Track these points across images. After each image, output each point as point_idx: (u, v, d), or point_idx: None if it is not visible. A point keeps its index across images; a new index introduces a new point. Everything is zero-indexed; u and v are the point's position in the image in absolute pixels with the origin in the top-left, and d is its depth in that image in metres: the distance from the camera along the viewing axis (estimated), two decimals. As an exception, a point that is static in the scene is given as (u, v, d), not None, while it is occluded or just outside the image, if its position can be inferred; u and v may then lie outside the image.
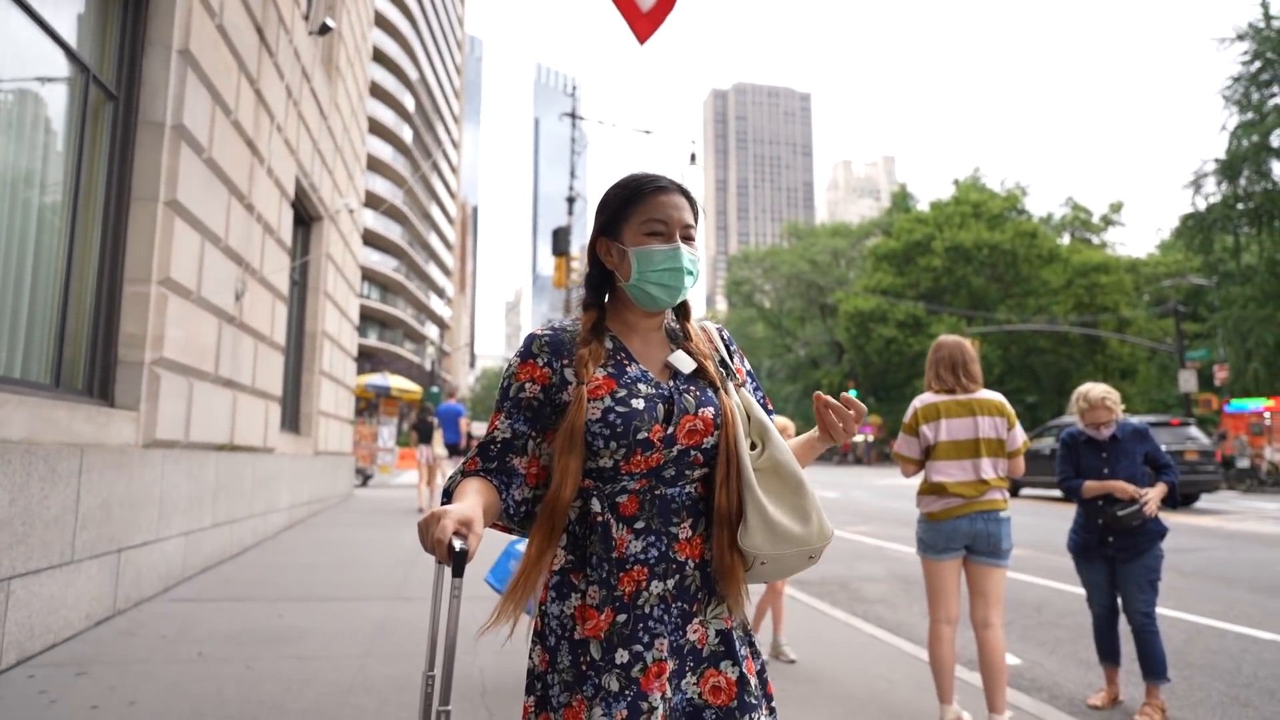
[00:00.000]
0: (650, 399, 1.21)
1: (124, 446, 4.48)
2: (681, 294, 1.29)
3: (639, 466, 1.20)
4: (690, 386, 1.26)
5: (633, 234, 1.28)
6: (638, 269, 1.26)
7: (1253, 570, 7.23)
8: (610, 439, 1.18)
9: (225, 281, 6.09)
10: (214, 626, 4.11)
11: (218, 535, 6.02)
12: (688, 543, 1.22)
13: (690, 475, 1.24)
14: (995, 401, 3.01)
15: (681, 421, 1.21)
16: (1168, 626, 5.01)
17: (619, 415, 1.18)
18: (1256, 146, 25.88)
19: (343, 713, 2.90)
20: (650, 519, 1.20)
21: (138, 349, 4.75)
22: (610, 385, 1.21)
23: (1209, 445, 14.81)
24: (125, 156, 4.82)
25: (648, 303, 1.28)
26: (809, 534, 1.20)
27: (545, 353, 1.26)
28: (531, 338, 1.29)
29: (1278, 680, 3.86)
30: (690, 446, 1.21)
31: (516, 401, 1.24)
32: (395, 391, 17.00)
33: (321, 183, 9.56)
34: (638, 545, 1.19)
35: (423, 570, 6.04)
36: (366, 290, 51.53)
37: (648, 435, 1.18)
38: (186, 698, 3.01)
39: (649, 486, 1.21)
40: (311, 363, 9.81)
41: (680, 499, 1.22)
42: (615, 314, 1.34)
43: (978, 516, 2.91)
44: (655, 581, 1.18)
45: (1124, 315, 40.28)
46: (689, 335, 1.34)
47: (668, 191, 1.29)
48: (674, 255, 1.26)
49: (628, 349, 1.29)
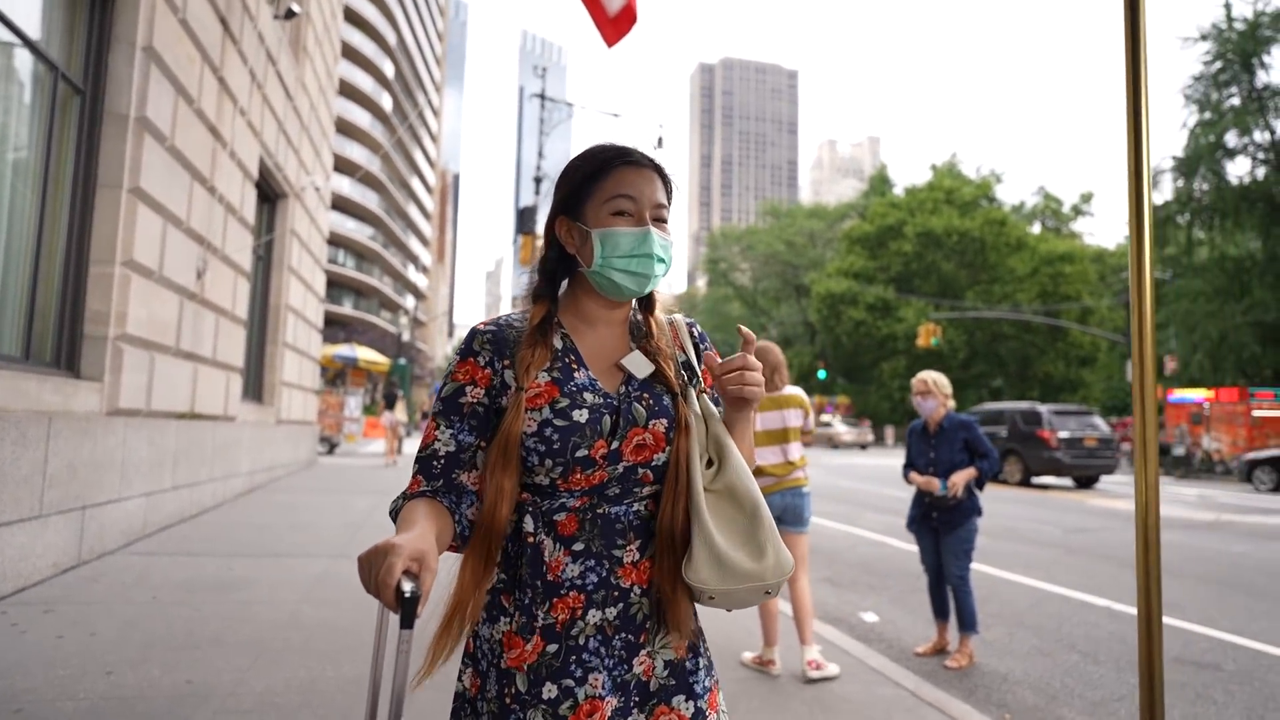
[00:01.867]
0: (595, 410, 1.08)
1: (89, 414, 4.93)
2: (651, 283, 1.15)
3: (579, 484, 1.08)
4: (644, 393, 1.13)
5: (597, 213, 1.13)
6: (601, 253, 1.11)
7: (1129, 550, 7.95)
8: (545, 455, 1.05)
9: (187, 260, 6.50)
10: (168, 576, 4.61)
11: (177, 497, 6.50)
12: (634, 567, 1.09)
13: (639, 493, 1.11)
14: (797, 396, 3.63)
15: (629, 435, 1.08)
16: (1024, 593, 5.68)
17: (556, 430, 1.06)
18: (1212, 145, 26.67)
19: (273, 644, 3.43)
20: (591, 540, 1.08)
21: (102, 325, 5.19)
22: (552, 393, 1.08)
23: (1107, 433, 15.95)
24: (91, 147, 5.22)
25: (612, 292, 1.14)
26: (762, 569, 1.06)
27: (487, 350, 1.13)
28: (473, 333, 1.15)
29: (1086, 638, 4.51)
30: (638, 463, 1.09)
31: (458, 407, 1.11)
32: (363, 363, 17.40)
33: (286, 161, 9.90)
34: (575, 569, 1.06)
35: (371, 531, 6.58)
36: (341, 258, 51.40)
37: (588, 452, 1.06)
38: (140, 631, 3.52)
39: (590, 505, 1.08)
40: (275, 335, 10.21)
41: (626, 519, 1.10)
42: (572, 304, 1.19)
43: (786, 492, 3.51)
44: (593, 610, 1.06)
45: (1087, 304, 41.38)
46: (651, 332, 1.20)
47: (639, 166, 1.15)
48: (644, 239, 1.12)
49: (578, 350, 1.15)
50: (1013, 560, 6.98)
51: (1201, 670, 3.97)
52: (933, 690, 3.33)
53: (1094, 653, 4.23)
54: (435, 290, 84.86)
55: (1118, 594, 5.69)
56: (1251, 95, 26.56)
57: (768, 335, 58.06)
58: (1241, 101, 26.75)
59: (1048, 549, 7.76)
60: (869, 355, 44.95)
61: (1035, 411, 16.27)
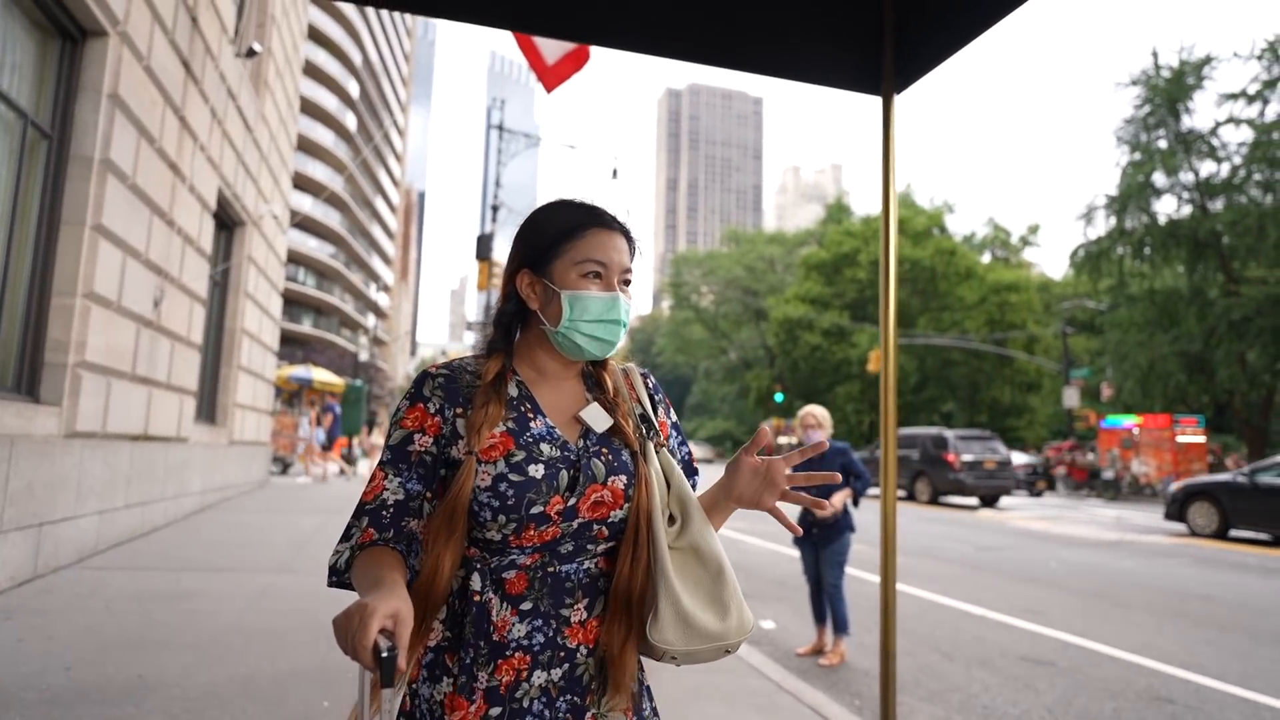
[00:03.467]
0: (552, 465, 1.06)
1: (47, 437, 5.29)
2: (612, 348, 1.14)
3: (531, 541, 1.05)
4: (603, 448, 1.11)
5: (566, 274, 1.12)
6: (569, 315, 1.10)
7: (1029, 566, 8.63)
8: (499, 511, 1.03)
9: (145, 290, 6.88)
10: (121, 588, 4.98)
11: (129, 515, 6.82)
12: (581, 626, 1.07)
13: (592, 550, 1.09)
14: None
15: (587, 492, 1.06)
16: (913, 603, 6.27)
17: (511, 485, 1.03)
18: (1141, 185, 28.25)
19: (216, 646, 3.85)
20: (539, 599, 1.05)
21: (62, 353, 5.56)
22: (508, 445, 1.06)
23: (1005, 456, 17.39)
24: (57, 187, 5.61)
25: (573, 353, 1.13)
26: (725, 629, 1.06)
27: (438, 397, 1.10)
28: (423, 377, 1.13)
29: (949, 641, 5.10)
30: (594, 519, 1.07)
31: (406, 455, 1.08)
32: (318, 384, 17.64)
33: (245, 191, 10.28)
34: (522, 629, 1.04)
35: (316, 549, 6.96)
36: (302, 276, 51.17)
37: (543, 509, 1.04)
38: (94, 635, 3.92)
39: (541, 562, 1.06)
40: (230, 358, 10.52)
41: (576, 577, 1.08)
42: (526, 354, 1.17)
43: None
44: (538, 671, 1.04)
45: (1033, 333, 43.00)
46: (605, 385, 1.19)
47: (610, 229, 1.14)
48: (613, 305, 1.12)
49: (535, 399, 1.13)
50: (916, 575, 7.59)
51: (1037, 665, 4.57)
52: (795, 682, 3.87)
53: (952, 653, 4.81)
54: (398, 309, 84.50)
55: (999, 604, 6.32)
56: (1177, 138, 28.20)
57: (727, 359, 59.08)
58: (1168, 144, 28.39)
59: (952, 565, 8.41)
60: (825, 379, 46.05)
61: (942, 437, 17.59)
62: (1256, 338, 24.89)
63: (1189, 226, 27.37)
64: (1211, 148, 27.74)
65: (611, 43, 2.29)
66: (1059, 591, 7.00)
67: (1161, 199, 28.66)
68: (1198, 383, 27.71)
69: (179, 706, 3.06)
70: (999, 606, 6.23)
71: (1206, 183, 27.80)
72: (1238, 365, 25.99)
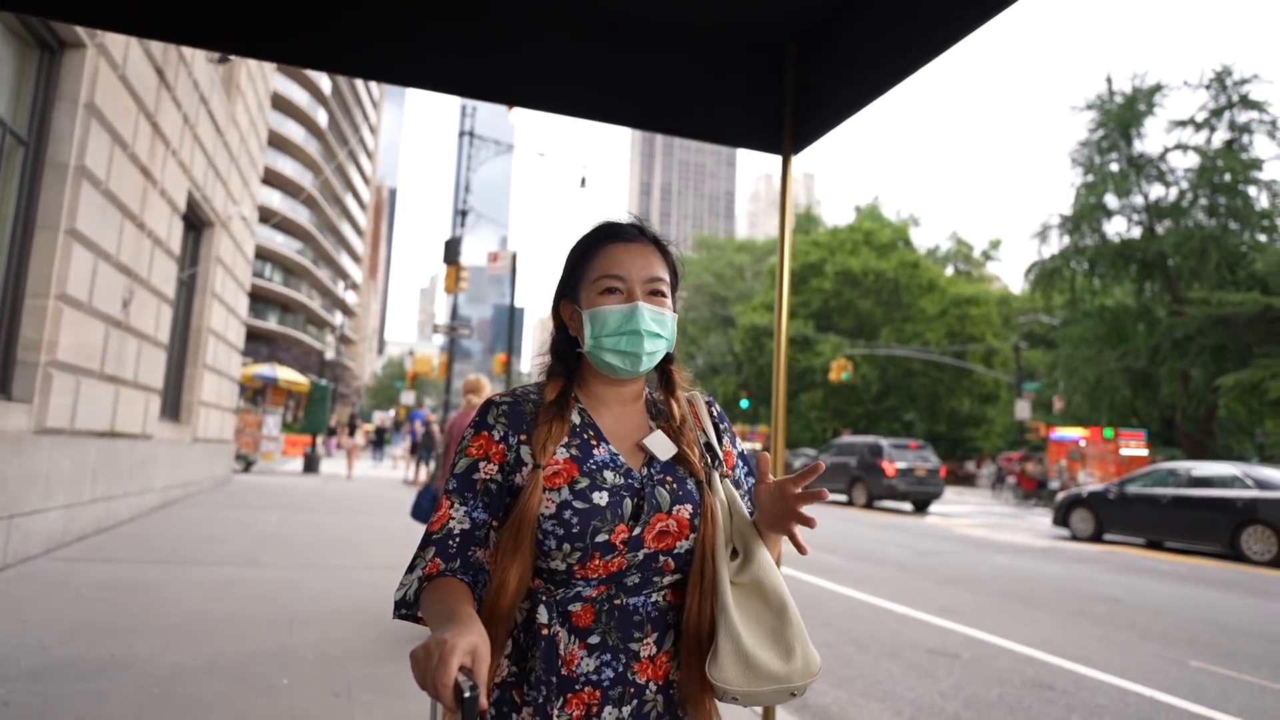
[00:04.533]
0: (616, 492, 1.05)
1: (19, 433, 5.52)
2: (644, 362, 1.11)
3: (596, 572, 1.04)
4: (667, 476, 1.10)
5: (587, 293, 1.13)
6: (591, 333, 1.11)
7: (959, 569, 9.16)
8: (564, 540, 1.02)
9: (115, 291, 7.10)
10: (89, 577, 5.22)
11: (95, 509, 7.02)
12: (650, 661, 1.06)
13: (659, 583, 1.08)
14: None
15: (652, 521, 1.05)
16: (843, 602, 6.72)
17: (576, 513, 1.02)
18: (1093, 206, 29.34)
19: (181, 631, 4.15)
20: (608, 633, 1.04)
21: (34, 352, 5.78)
22: (571, 472, 1.06)
23: (936, 465, 18.45)
24: (33, 193, 5.84)
25: (608, 371, 1.13)
26: (790, 671, 1.02)
27: (502, 425, 1.11)
28: (488, 405, 1.13)
29: (868, 635, 5.55)
30: (660, 551, 1.05)
31: (471, 484, 1.08)
32: (283, 382, 17.69)
33: (214, 194, 10.47)
34: (591, 663, 1.03)
35: (278, 545, 7.22)
36: (269, 273, 50.69)
37: (608, 538, 1.03)
38: (66, 619, 4.19)
39: (608, 594, 1.05)
40: (195, 357, 10.69)
41: (645, 610, 1.06)
42: (585, 385, 1.17)
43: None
44: (609, 708, 1.03)
45: (991, 345, 44.19)
46: (671, 412, 1.17)
47: (626, 240, 1.14)
48: (630, 316, 1.09)
49: (597, 425, 1.13)
50: (850, 576, 8.06)
51: (941, 657, 5.03)
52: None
53: (867, 645, 5.25)
54: (366, 307, 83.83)
55: (922, 603, 6.79)
56: (1129, 162, 29.34)
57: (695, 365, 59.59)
58: (1120, 167, 29.52)
59: (886, 568, 8.90)
60: (789, 386, 46.78)
61: (878, 445, 18.67)
62: (1198, 356, 25.98)
63: (1138, 247, 28.49)
64: (1160, 172, 28.92)
65: (529, 104, 2.66)
66: (980, 593, 7.51)
67: (1113, 220, 29.82)
68: (1143, 398, 28.82)
69: (149, 682, 3.37)
70: (921, 605, 6.70)
71: (1155, 205, 28.97)
72: (1179, 382, 27.09)
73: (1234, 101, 27.34)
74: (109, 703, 3.10)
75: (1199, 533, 11.77)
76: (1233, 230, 27.41)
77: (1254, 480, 11.38)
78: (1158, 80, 30.19)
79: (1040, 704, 4.16)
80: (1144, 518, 12.60)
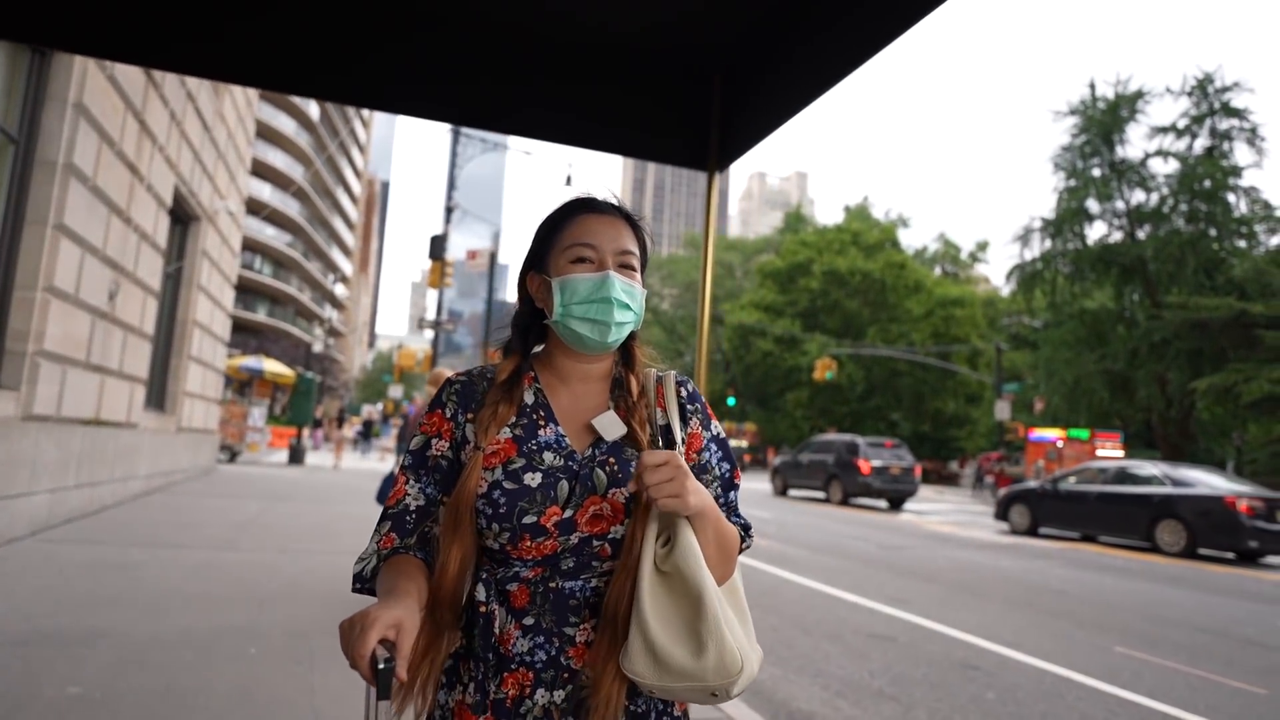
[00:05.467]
0: (551, 474, 1.05)
1: (6, 419, 5.76)
2: (613, 331, 1.09)
3: (530, 554, 1.04)
4: (610, 458, 1.07)
5: (557, 261, 1.12)
6: (560, 301, 1.09)
7: (919, 563, 9.49)
8: (492, 519, 1.03)
9: (101, 284, 7.33)
10: (72, 558, 5.48)
11: (80, 494, 7.26)
12: (587, 647, 1.04)
13: (597, 568, 1.06)
14: None
15: (585, 504, 1.04)
16: (800, 591, 7.02)
17: (504, 493, 1.03)
18: (1074, 210, 29.78)
19: (157, 607, 4.41)
20: (541, 615, 1.03)
21: (22, 342, 6.02)
22: (509, 452, 1.06)
23: (910, 463, 18.89)
24: (22, 190, 6.07)
25: (576, 343, 1.11)
26: (702, 668, 0.96)
27: (453, 402, 1.12)
28: (445, 383, 1.15)
29: (817, 622, 5.85)
30: (594, 534, 1.04)
31: (424, 460, 1.10)
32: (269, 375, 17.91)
33: (201, 189, 10.69)
34: (525, 644, 1.03)
35: (256, 530, 7.47)
36: (259, 265, 50.70)
37: (537, 519, 1.02)
38: (50, 594, 4.45)
39: (543, 576, 1.04)
40: (181, 348, 10.91)
41: (582, 595, 1.05)
42: (547, 359, 1.17)
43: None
44: (541, 690, 1.02)
45: (976, 346, 44.67)
46: (629, 388, 1.15)
47: (600, 212, 1.14)
48: (602, 284, 1.08)
49: (550, 405, 1.12)
50: (810, 567, 8.37)
51: (879, 640, 5.34)
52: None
53: (811, 629, 5.56)
54: (356, 300, 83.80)
55: (874, 593, 7.10)
56: (1111, 167, 29.78)
57: (683, 363, 60.07)
58: (1102, 173, 29.96)
59: (849, 561, 9.22)
60: (776, 385, 47.22)
61: (854, 443, 19.06)
62: (1174, 359, 26.44)
63: (1119, 251, 28.95)
64: (1142, 177, 29.39)
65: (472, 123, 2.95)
66: (932, 584, 7.84)
67: (1094, 224, 30.29)
68: (1122, 400, 29.30)
69: (126, 650, 3.64)
70: (872, 595, 7.02)
71: (1137, 210, 29.43)
72: (1157, 385, 27.56)
73: (1215, 109, 27.77)
74: (87, 667, 3.37)
75: (1120, 526, 12.62)
76: (1211, 236, 27.89)
77: (1170, 479, 12.24)
78: (1140, 86, 30.59)
79: (961, 682, 4.47)
80: (1073, 512, 13.45)
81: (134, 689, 3.18)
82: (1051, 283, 30.40)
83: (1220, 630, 6.31)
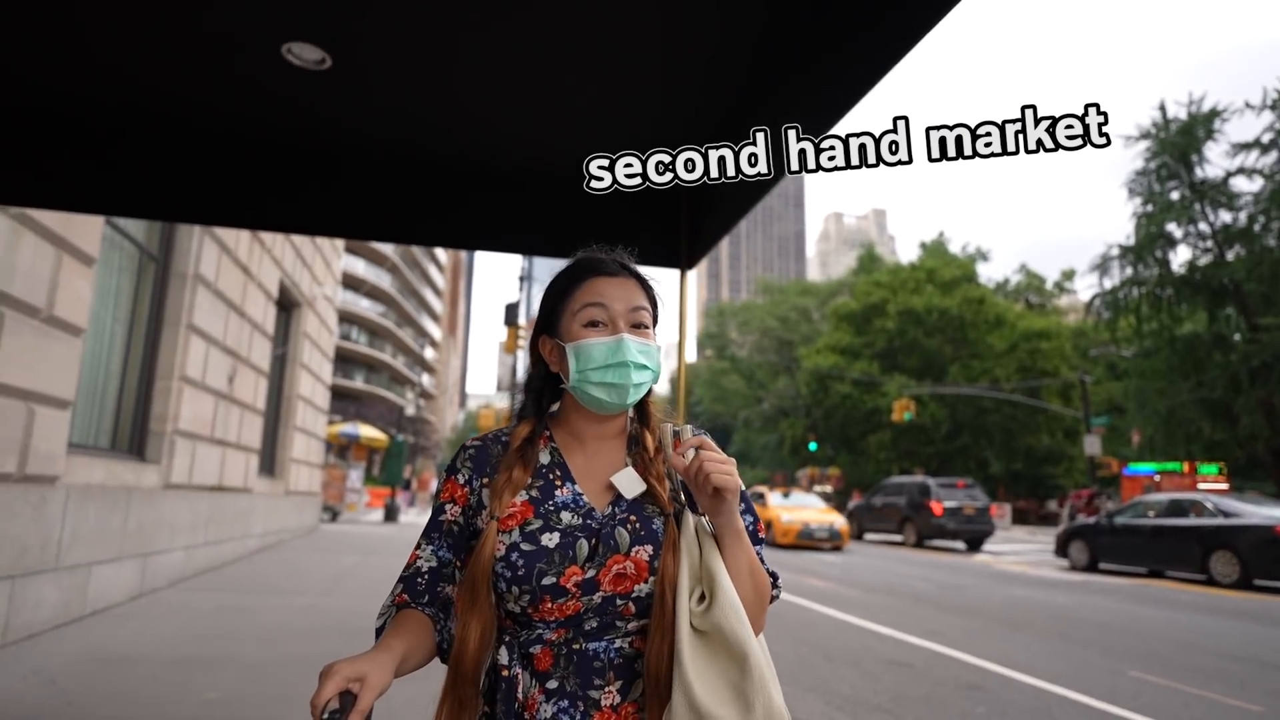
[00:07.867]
0: (570, 533, 1.03)
1: (151, 488, 6.99)
2: (632, 393, 1.09)
3: (552, 615, 1.01)
4: (631, 515, 1.05)
5: (569, 326, 1.11)
6: (576, 367, 1.08)
7: (972, 601, 9.70)
8: (512, 582, 1.01)
9: (222, 370, 8.67)
10: (202, 603, 6.58)
11: (207, 551, 8.49)
12: (613, 711, 1.00)
13: (622, 628, 1.03)
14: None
15: (608, 563, 1.01)
16: (836, 626, 7.49)
17: (522, 555, 1.01)
18: (1154, 235, 28.97)
19: (269, 639, 5.39)
20: (565, 679, 1.00)
21: (162, 423, 7.30)
22: (526, 514, 1.04)
23: (985, 503, 18.97)
24: (161, 296, 7.43)
25: (594, 406, 1.10)
26: None
27: (467, 468, 1.12)
28: (459, 450, 1.14)
29: (842, 650, 6.33)
30: (618, 594, 1.01)
31: (439, 525, 1.11)
32: (365, 439, 19.50)
33: (301, 278, 12.21)
34: (549, 709, 0.99)
35: (351, 580, 8.51)
36: (355, 335, 54.17)
37: (556, 580, 1.00)
38: (186, 629, 5.50)
39: (566, 639, 1.01)
40: (288, 420, 12.34)
41: (606, 656, 1.01)
42: (563, 420, 1.16)
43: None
44: None
45: (1068, 379, 43.15)
46: (645, 445, 1.14)
47: (608, 273, 1.13)
48: (617, 348, 1.08)
49: (567, 464, 1.11)
50: (859, 605, 8.77)
51: (895, 666, 5.80)
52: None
53: (834, 656, 6.07)
54: (445, 363, 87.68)
55: (912, 628, 7.47)
56: (1191, 189, 28.94)
57: (763, 408, 60.15)
58: (1181, 195, 29.13)
59: (901, 599, 9.54)
60: (856, 428, 46.73)
61: (926, 485, 19.28)
62: (1278, 384, 25.14)
63: (1207, 274, 27.91)
64: (1227, 197, 28.39)
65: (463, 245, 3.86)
66: (974, 619, 8.13)
67: (1177, 248, 29.34)
68: (1222, 428, 27.85)
69: (244, 671, 4.59)
70: (909, 629, 7.41)
71: (1224, 230, 28.40)
72: (1260, 412, 26.16)
73: (1299, 121, 26.76)
74: (219, 681, 4.33)
75: (1175, 559, 12.51)
76: (1306, 253, 26.60)
77: (1220, 510, 12.11)
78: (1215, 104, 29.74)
79: (958, 700, 4.93)
80: (1129, 547, 13.40)
81: (255, 696, 4.10)
82: (1136, 311, 29.47)
83: (1251, 657, 6.43)
